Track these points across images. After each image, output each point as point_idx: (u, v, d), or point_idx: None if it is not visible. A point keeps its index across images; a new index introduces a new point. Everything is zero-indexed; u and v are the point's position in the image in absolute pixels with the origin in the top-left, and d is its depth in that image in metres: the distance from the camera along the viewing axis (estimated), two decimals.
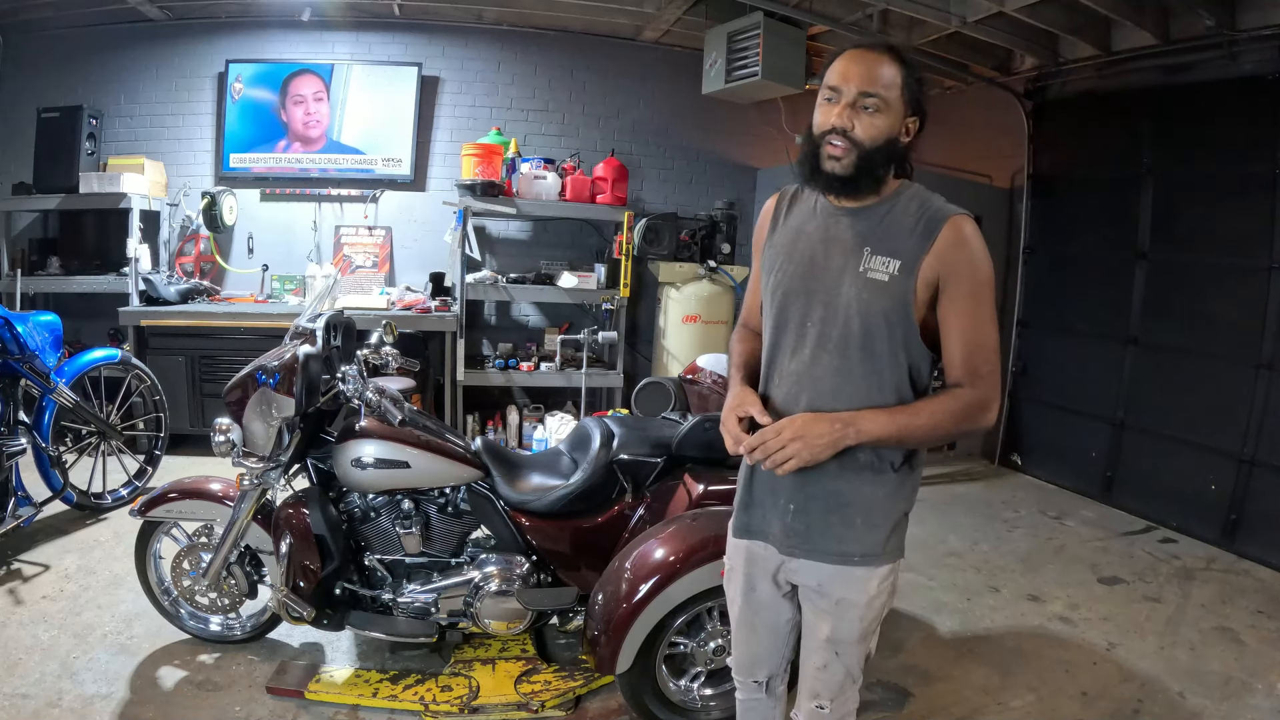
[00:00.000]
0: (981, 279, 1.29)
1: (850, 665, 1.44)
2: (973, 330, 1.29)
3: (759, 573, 1.50)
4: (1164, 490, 4.16)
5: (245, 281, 5.01)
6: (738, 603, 1.57)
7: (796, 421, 1.29)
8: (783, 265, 1.41)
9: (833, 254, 1.34)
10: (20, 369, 3.08)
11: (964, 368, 1.29)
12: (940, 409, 1.29)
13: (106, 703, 2.17)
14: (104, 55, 4.85)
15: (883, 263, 1.29)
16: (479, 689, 2.28)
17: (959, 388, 1.30)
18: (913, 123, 1.32)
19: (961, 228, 1.28)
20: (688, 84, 5.10)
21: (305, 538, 2.23)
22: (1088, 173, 4.72)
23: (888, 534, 1.37)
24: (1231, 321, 3.87)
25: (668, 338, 4.91)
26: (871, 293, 1.29)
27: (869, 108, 1.26)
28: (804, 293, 1.36)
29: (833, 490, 1.35)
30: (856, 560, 1.36)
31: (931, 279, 1.28)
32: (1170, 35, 3.98)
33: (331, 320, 2.41)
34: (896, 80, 1.27)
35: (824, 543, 1.37)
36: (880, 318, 1.29)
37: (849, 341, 1.31)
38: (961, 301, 1.28)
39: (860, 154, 1.27)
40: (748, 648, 1.60)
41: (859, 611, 1.39)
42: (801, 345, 1.36)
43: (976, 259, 1.28)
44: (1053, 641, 2.85)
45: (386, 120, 5.05)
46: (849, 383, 1.32)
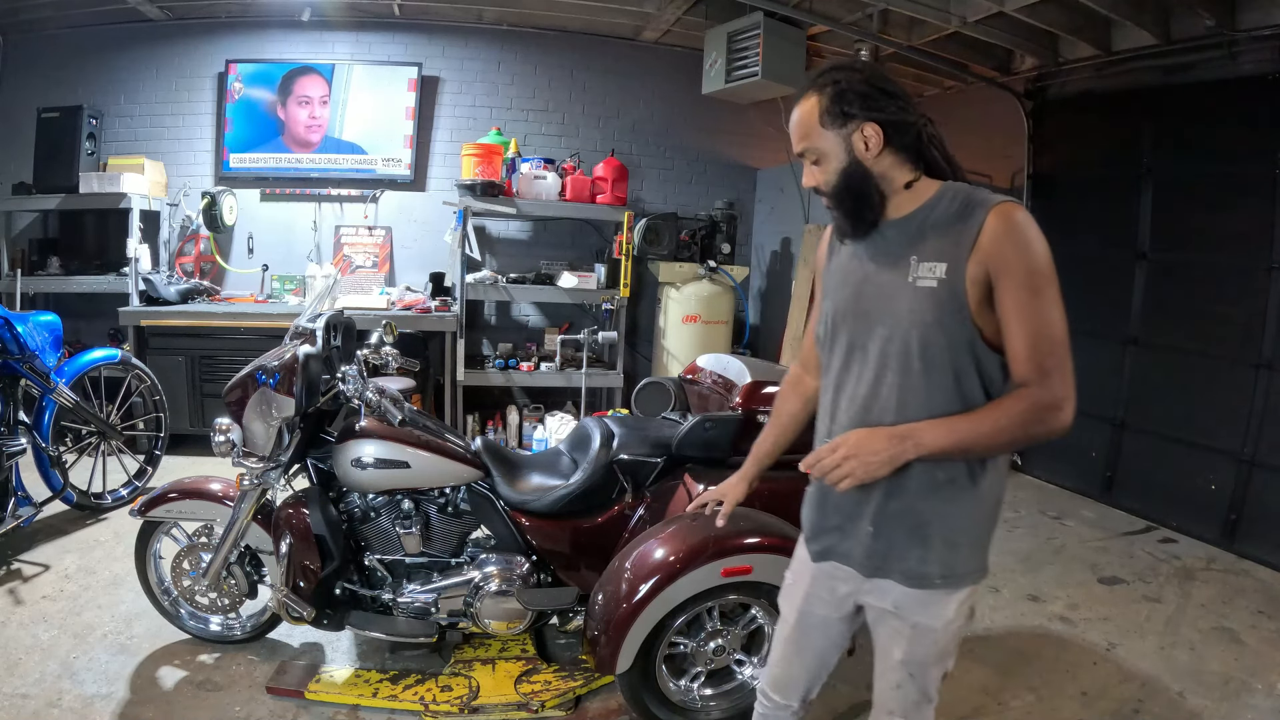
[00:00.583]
0: (1037, 266, 1.19)
1: (925, 686, 1.40)
2: (1034, 322, 1.19)
3: (821, 596, 1.46)
4: (1164, 490, 4.16)
5: (245, 281, 5.01)
6: (789, 621, 1.53)
7: (851, 438, 1.25)
8: (838, 290, 1.39)
9: (882, 270, 1.30)
10: (20, 369, 3.08)
11: (1029, 364, 1.19)
12: (1006, 413, 1.20)
13: (106, 703, 2.17)
14: (104, 55, 4.86)
15: (930, 268, 1.24)
16: (479, 689, 2.28)
17: (1026, 388, 1.20)
18: (867, 128, 1.25)
19: (1008, 215, 1.20)
20: (688, 84, 5.10)
21: (305, 538, 2.23)
22: (1088, 173, 4.71)
23: (969, 553, 1.31)
24: (1231, 321, 3.86)
25: (668, 338, 4.91)
26: (923, 302, 1.24)
27: (812, 160, 1.32)
28: (861, 314, 1.33)
29: (912, 509, 1.30)
30: (938, 583, 1.30)
31: (980, 275, 1.20)
32: (1170, 35, 3.97)
33: (331, 320, 2.40)
34: (813, 119, 1.28)
35: (903, 564, 1.32)
36: (935, 327, 1.23)
37: (909, 357, 1.25)
38: (1017, 293, 1.19)
39: (831, 200, 1.32)
40: (787, 668, 1.55)
41: (935, 635, 1.34)
42: (864, 369, 1.32)
43: (1029, 246, 1.20)
44: (1053, 641, 2.85)
45: (386, 120, 5.06)
46: (913, 399, 1.26)
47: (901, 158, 1.29)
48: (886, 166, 1.28)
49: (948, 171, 1.32)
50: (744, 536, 2.03)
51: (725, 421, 2.28)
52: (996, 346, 1.24)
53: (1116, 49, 4.26)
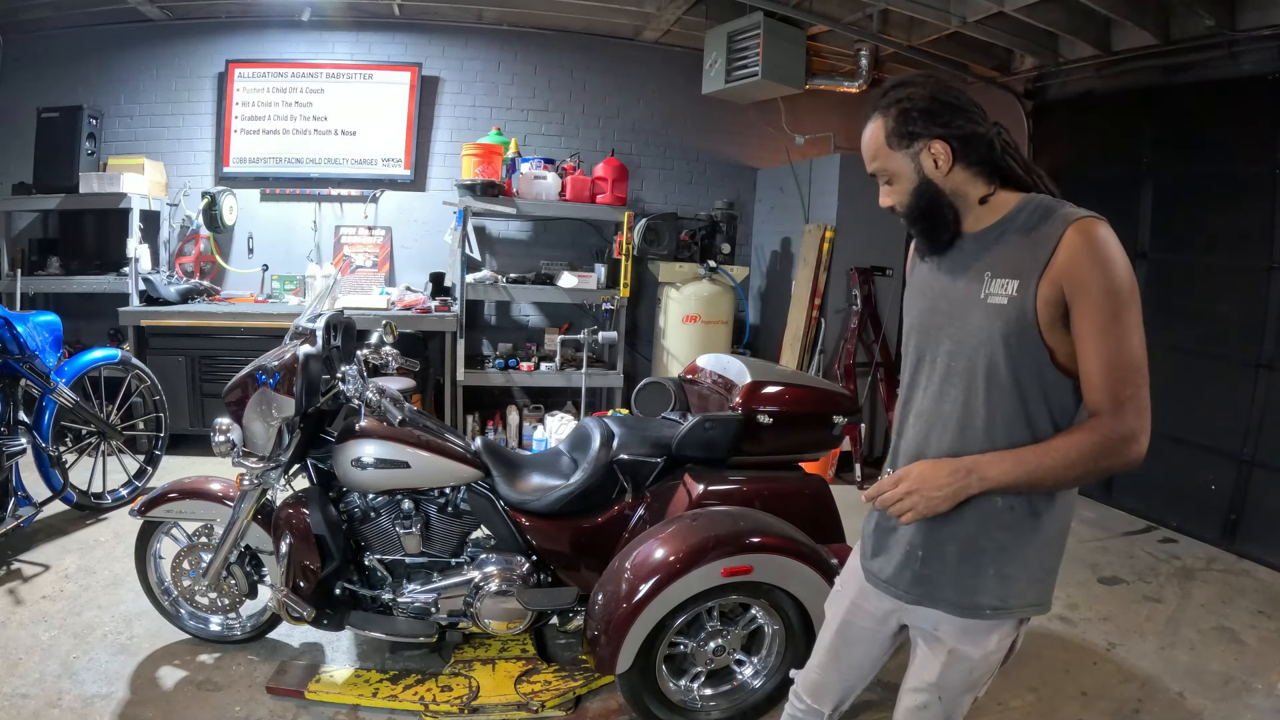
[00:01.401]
0: (1117, 288, 1.12)
1: (951, 712, 1.35)
2: (1111, 349, 1.12)
3: (867, 606, 1.43)
4: (1164, 490, 4.15)
5: (245, 281, 5.01)
6: (832, 628, 1.50)
7: (914, 472, 1.22)
8: (917, 303, 1.37)
9: (957, 284, 1.27)
10: (20, 369, 3.08)
11: (1103, 392, 1.13)
12: (1075, 446, 1.14)
13: (106, 703, 2.17)
14: (104, 55, 4.86)
15: (1002, 285, 1.19)
16: (479, 689, 2.28)
17: (1098, 418, 1.14)
18: (935, 146, 1.21)
19: (1090, 232, 1.13)
20: (688, 84, 5.10)
21: (305, 538, 2.23)
22: (1088, 173, 4.71)
23: (1024, 586, 1.25)
24: (1231, 321, 3.87)
25: (668, 338, 4.91)
26: (993, 318, 1.19)
27: (885, 180, 1.29)
28: (934, 327, 1.31)
29: (963, 536, 1.25)
30: (988, 614, 1.26)
31: (1053, 296, 1.14)
32: (1170, 35, 3.97)
33: (331, 320, 2.40)
34: (881, 140, 1.25)
35: (951, 593, 1.27)
36: (1002, 346, 1.18)
37: (974, 374, 1.22)
38: (1094, 316, 1.12)
39: (907, 219, 1.30)
40: (823, 674, 1.52)
41: (970, 664, 1.29)
42: (931, 381, 1.30)
43: (1110, 265, 1.12)
44: (1053, 641, 2.84)
45: (386, 120, 5.06)
46: (975, 418, 1.22)
47: (974, 172, 1.24)
48: (959, 183, 1.24)
49: (1027, 181, 1.27)
50: (744, 536, 2.04)
51: (725, 421, 2.28)
52: (1069, 371, 1.19)
53: (1116, 49, 4.27)
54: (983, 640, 1.28)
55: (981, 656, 1.28)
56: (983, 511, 1.23)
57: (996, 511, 1.23)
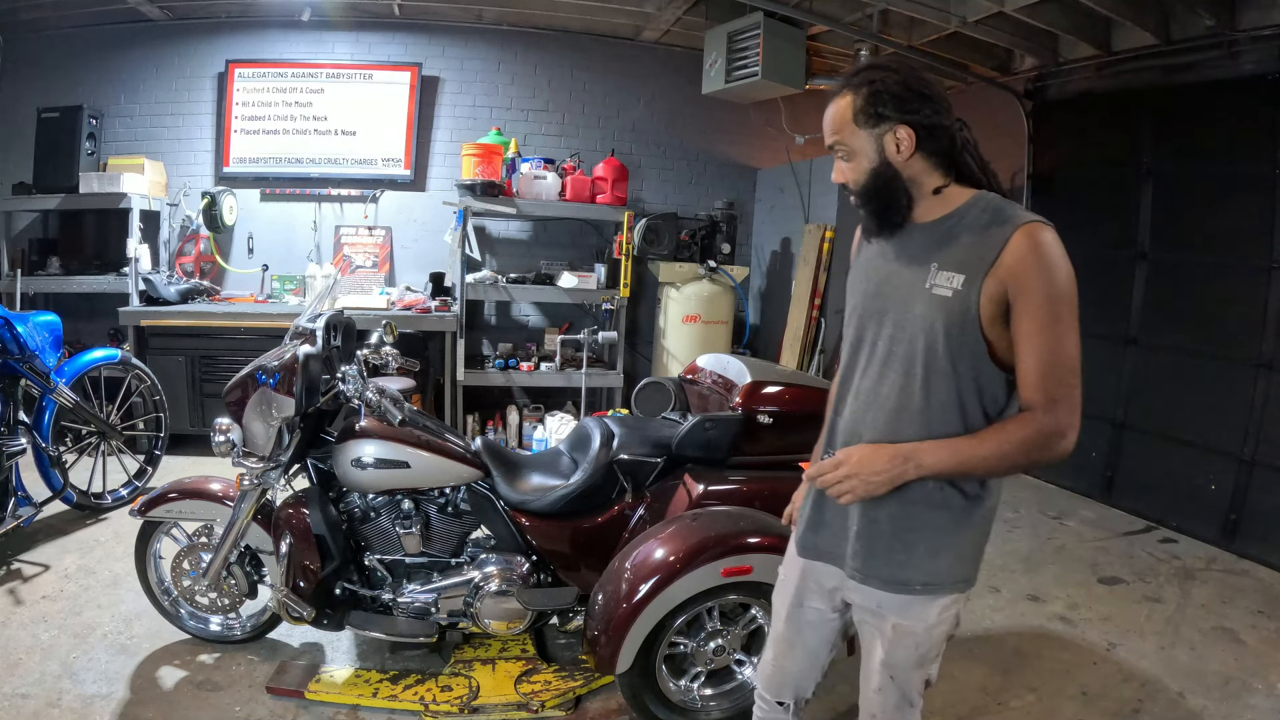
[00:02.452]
0: (1058, 292, 1.18)
1: (906, 690, 1.39)
2: (1048, 348, 1.18)
3: (811, 589, 1.48)
4: (1164, 490, 4.16)
5: (245, 281, 5.01)
6: (781, 616, 1.54)
7: (854, 456, 1.26)
8: (860, 287, 1.40)
9: (903, 271, 1.31)
10: (20, 369, 3.08)
11: (1038, 390, 1.19)
12: (1008, 437, 1.20)
13: (106, 703, 2.17)
14: (104, 55, 4.86)
15: (948, 278, 1.23)
16: (479, 689, 2.28)
17: (1032, 412, 1.20)
18: (899, 131, 1.23)
19: (1034, 235, 1.18)
20: (688, 84, 5.10)
21: (305, 538, 2.23)
22: (1088, 173, 4.71)
23: (953, 562, 1.32)
24: (1231, 321, 3.86)
25: (668, 338, 4.91)
26: (936, 308, 1.24)
27: (841, 156, 1.31)
28: (876, 312, 1.34)
29: (899, 515, 1.30)
30: (918, 589, 1.31)
31: (998, 292, 1.20)
32: (1170, 35, 3.98)
33: (331, 320, 2.40)
34: (847, 116, 1.27)
35: (885, 569, 1.32)
36: (942, 334, 1.23)
37: (914, 360, 1.27)
38: (1035, 316, 1.18)
39: (859, 198, 1.32)
40: (781, 665, 1.56)
41: (915, 639, 1.34)
42: (870, 364, 1.34)
43: (1052, 269, 1.18)
44: (1053, 641, 2.85)
45: (386, 120, 5.06)
46: (912, 403, 1.27)
47: (933, 162, 1.28)
48: (917, 170, 1.27)
49: (981, 180, 1.30)
50: (744, 536, 2.03)
51: (725, 421, 2.28)
52: (1004, 365, 1.24)
53: (1116, 49, 4.27)
54: (923, 613, 1.33)
55: (924, 630, 1.34)
56: (917, 493, 1.29)
57: (928, 493, 1.29)
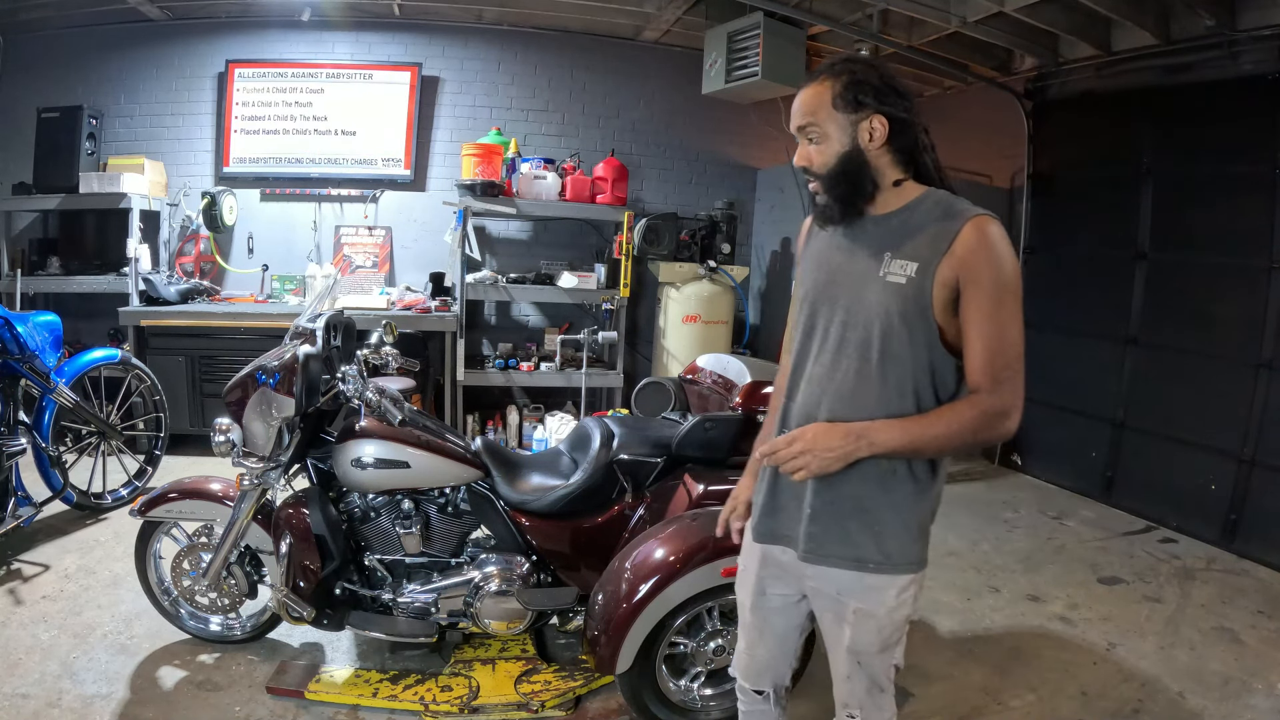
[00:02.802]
0: (1004, 281, 1.25)
1: (875, 675, 1.43)
2: (994, 334, 1.25)
3: (772, 576, 1.50)
4: (1164, 490, 4.16)
5: (245, 281, 5.01)
6: (747, 605, 1.57)
7: (809, 433, 1.29)
8: (812, 275, 1.44)
9: (856, 261, 1.35)
10: (20, 369, 3.08)
11: (984, 373, 1.26)
12: (957, 418, 1.27)
13: (106, 703, 2.17)
14: (104, 55, 4.86)
15: (901, 266, 1.29)
16: (479, 689, 2.28)
17: (978, 394, 1.26)
18: (874, 120, 1.28)
19: (983, 228, 1.26)
20: (688, 84, 5.10)
21: (305, 538, 2.23)
22: (1088, 173, 4.71)
23: (906, 542, 1.35)
24: (1231, 321, 3.86)
25: (668, 338, 4.91)
26: (890, 295, 1.29)
27: (812, 139, 1.34)
28: (829, 299, 1.38)
29: (851, 495, 1.34)
30: (872, 568, 1.34)
31: (950, 279, 1.26)
32: (1170, 35, 3.98)
33: (331, 320, 2.40)
34: (824, 101, 1.30)
35: (840, 548, 1.36)
36: (898, 319, 1.28)
37: (869, 345, 1.31)
38: (983, 303, 1.25)
39: (824, 182, 1.34)
40: (753, 654, 1.59)
41: (877, 623, 1.37)
42: (824, 350, 1.38)
43: (999, 260, 1.25)
44: (1053, 641, 2.85)
45: (386, 120, 5.06)
46: (868, 386, 1.31)
47: (897, 157, 1.33)
48: (883, 162, 1.32)
49: (935, 180, 1.36)
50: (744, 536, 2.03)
51: (725, 421, 2.28)
52: (954, 350, 1.30)
53: (1116, 49, 4.27)
54: (882, 596, 1.36)
55: (885, 613, 1.37)
56: (868, 473, 1.32)
57: (880, 474, 1.33)
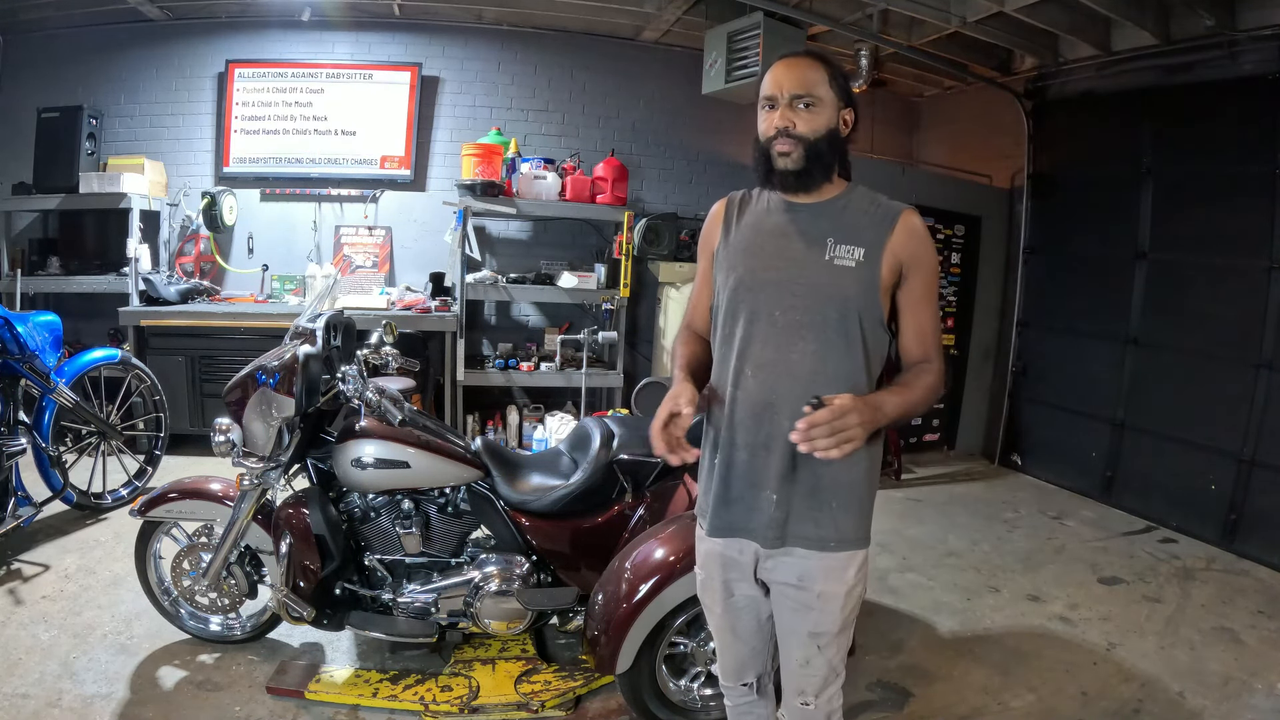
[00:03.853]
0: (934, 267, 1.43)
1: (832, 658, 1.47)
2: (928, 314, 1.43)
3: (736, 577, 1.51)
4: (1164, 490, 4.16)
5: (245, 281, 5.01)
6: (716, 611, 1.58)
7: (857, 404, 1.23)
8: (744, 261, 1.45)
9: (795, 246, 1.41)
10: (20, 369, 3.08)
11: (924, 346, 1.43)
12: (924, 384, 1.40)
13: (106, 703, 2.17)
14: (104, 55, 4.86)
15: (848, 250, 1.38)
16: (479, 689, 2.28)
17: (928, 363, 1.42)
18: (848, 114, 1.42)
19: (913, 221, 1.40)
20: (688, 84, 5.10)
21: (305, 538, 2.23)
22: (1088, 173, 4.71)
23: (859, 518, 1.43)
24: (1231, 321, 3.87)
25: (668, 338, 4.90)
26: (841, 278, 1.37)
27: (805, 105, 1.38)
28: (772, 283, 1.41)
29: (813, 474, 1.38)
30: (833, 546, 1.40)
31: (894, 265, 1.38)
32: (1170, 35, 3.98)
33: (331, 320, 2.41)
34: (823, 78, 1.39)
35: (802, 528, 1.40)
36: (853, 301, 1.37)
37: (826, 326, 1.37)
38: (920, 288, 1.41)
39: (806, 146, 1.38)
40: (733, 653, 1.61)
41: (839, 603, 1.43)
42: (773, 332, 1.39)
43: (930, 249, 1.42)
44: (1053, 641, 2.85)
45: (386, 120, 5.06)
46: (828, 366, 1.37)
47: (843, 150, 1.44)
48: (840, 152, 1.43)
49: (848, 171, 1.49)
50: None
51: None
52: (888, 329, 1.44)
53: (1116, 49, 4.27)
54: (842, 576, 1.42)
55: (845, 591, 1.43)
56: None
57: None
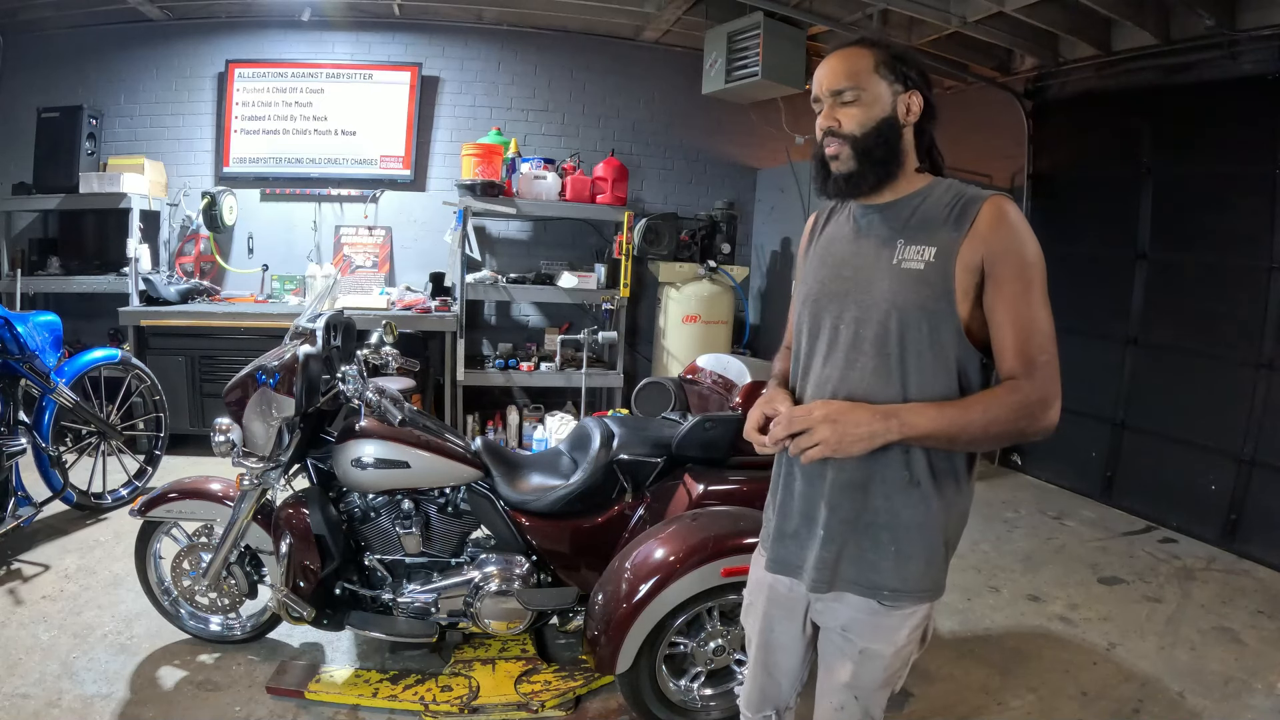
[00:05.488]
0: (1030, 259, 1.17)
1: (870, 708, 1.35)
2: (1025, 315, 1.16)
3: (780, 614, 1.42)
4: (1164, 490, 4.16)
5: (245, 281, 5.01)
6: (754, 643, 1.49)
7: (833, 404, 1.19)
8: (814, 274, 1.36)
9: (864, 252, 1.28)
10: (20, 369, 3.08)
11: (1018, 357, 1.16)
12: (996, 403, 1.16)
13: (106, 703, 2.17)
14: (104, 55, 4.86)
15: (917, 251, 1.21)
16: (479, 689, 2.28)
17: (1015, 380, 1.16)
18: (910, 98, 1.25)
19: (1002, 206, 1.19)
20: (688, 84, 5.10)
21: (305, 538, 2.23)
22: (1088, 173, 4.71)
23: (924, 568, 1.25)
24: (1231, 321, 3.86)
25: (668, 338, 4.91)
26: (906, 283, 1.20)
27: (847, 101, 1.25)
28: (837, 295, 1.29)
29: (868, 510, 1.25)
30: (886, 595, 1.25)
31: (973, 263, 1.18)
32: (1170, 35, 3.97)
33: (331, 320, 2.40)
34: (867, 65, 1.24)
35: (851, 571, 1.26)
36: (917, 310, 1.19)
37: (886, 340, 1.21)
38: (1009, 284, 1.17)
39: (853, 144, 1.25)
40: (760, 687, 1.52)
41: (884, 662, 1.30)
42: (835, 349, 1.28)
43: (1022, 238, 1.18)
44: (1053, 641, 2.85)
45: (386, 120, 5.06)
46: (888, 385, 1.21)
47: (918, 142, 1.29)
48: (909, 142, 1.28)
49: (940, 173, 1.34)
50: (744, 536, 2.03)
51: (725, 421, 2.28)
52: (977, 342, 1.22)
53: (1116, 49, 4.26)
54: (892, 635, 1.28)
55: (893, 653, 1.29)
56: (888, 485, 1.23)
57: (903, 486, 1.23)
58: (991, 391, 1.19)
